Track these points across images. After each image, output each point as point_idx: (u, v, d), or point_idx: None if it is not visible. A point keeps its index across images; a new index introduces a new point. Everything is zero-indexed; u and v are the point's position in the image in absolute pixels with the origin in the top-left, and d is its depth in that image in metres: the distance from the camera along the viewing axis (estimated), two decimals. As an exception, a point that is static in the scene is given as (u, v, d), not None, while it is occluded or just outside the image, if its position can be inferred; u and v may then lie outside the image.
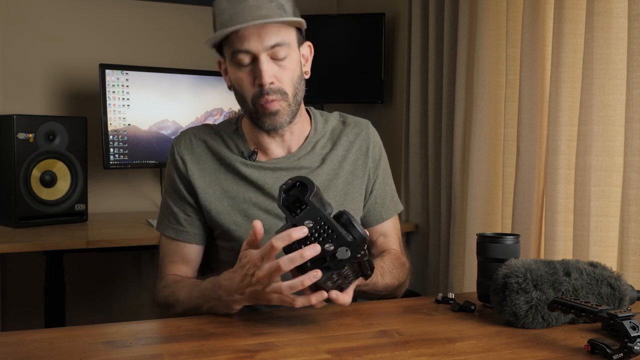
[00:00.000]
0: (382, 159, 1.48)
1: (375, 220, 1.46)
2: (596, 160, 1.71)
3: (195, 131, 1.41)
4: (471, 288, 2.09)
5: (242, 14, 1.22)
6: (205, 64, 2.82)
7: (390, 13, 2.89)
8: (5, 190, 2.23)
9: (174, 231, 1.38)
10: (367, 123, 1.48)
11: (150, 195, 2.84)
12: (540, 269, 1.10)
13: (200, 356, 0.95)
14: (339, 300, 1.06)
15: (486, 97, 2.15)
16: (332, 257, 1.01)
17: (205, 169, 1.37)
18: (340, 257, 1.00)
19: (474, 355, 0.97)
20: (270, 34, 1.24)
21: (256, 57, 1.25)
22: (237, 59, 1.26)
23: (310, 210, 1.03)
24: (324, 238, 1.02)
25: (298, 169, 1.37)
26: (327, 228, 1.02)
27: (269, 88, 1.26)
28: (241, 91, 1.30)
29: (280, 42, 1.25)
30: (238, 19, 1.22)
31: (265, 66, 1.24)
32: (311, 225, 1.02)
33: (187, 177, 1.36)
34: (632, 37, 1.59)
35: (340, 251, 1.01)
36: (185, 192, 1.37)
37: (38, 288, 2.28)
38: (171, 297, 1.30)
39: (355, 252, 1.00)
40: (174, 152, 1.39)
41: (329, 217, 1.03)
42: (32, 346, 0.99)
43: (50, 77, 2.68)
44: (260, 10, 1.23)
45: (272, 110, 1.28)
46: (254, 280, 1.07)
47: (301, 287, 1.02)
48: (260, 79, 1.25)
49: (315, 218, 1.03)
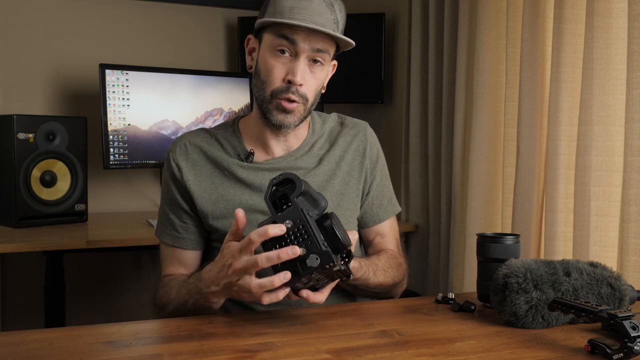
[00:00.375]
0: (380, 160, 1.48)
1: (372, 221, 1.46)
2: (596, 160, 1.71)
3: (191, 137, 1.41)
4: (471, 288, 2.09)
5: (304, 12, 1.24)
6: (205, 64, 2.82)
7: (390, 13, 2.89)
8: (5, 190, 2.23)
9: (170, 238, 1.39)
10: (365, 124, 1.49)
11: (150, 195, 2.84)
12: (540, 269, 1.10)
13: (200, 356, 0.95)
14: (310, 299, 1.06)
15: (486, 97, 2.15)
16: (302, 262, 1.01)
17: (200, 173, 1.37)
18: (310, 264, 1.01)
19: (474, 355, 0.97)
20: (320, 41, 1.27)
21: (297, 54, 1.27)
22: (280, 45, 1.27)
23: (293, 210, 1.03)
24: (299, 242, 1.01)
25: (295, 169, 1.38)
26: (304, 232, 1.02)
27: (297, 89, 1.28)
28: (266, 78, 1.30)
29: (324, 49, 1.28)
30: (299, 14, 1.24)
31: (302, 66, 1.27)
32: (290, 226, 1.02)
33: (182, 183, 1.37)
34: (632, 37, 1.59)
35: (310, 258, 1.00)
36: (180, 199, 1.38)
37: (38, 288, 2.28)
38: (165, 296, 1.31)
39: (324, 263, 1.00)
40: (169, 158, 1.39)
41: (310, 222, 1.03)
42: (32, 346, 0.99)
43: (50, 77, 2.68)
44: (321, 17, 1.25)
45: (289, 109, 1.29)
46: (230, 272, 1.08)
47: (271, 287, 1.04)
48: (293, 75, 1.26)
49: (296, 219, 1.02)
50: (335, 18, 1.28)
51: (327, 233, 1.04)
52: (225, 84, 2.72)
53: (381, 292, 1.37)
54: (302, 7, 1.24)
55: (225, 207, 1.34)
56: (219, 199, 1.35)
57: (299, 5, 1.25)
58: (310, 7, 1.25)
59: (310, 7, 1.25)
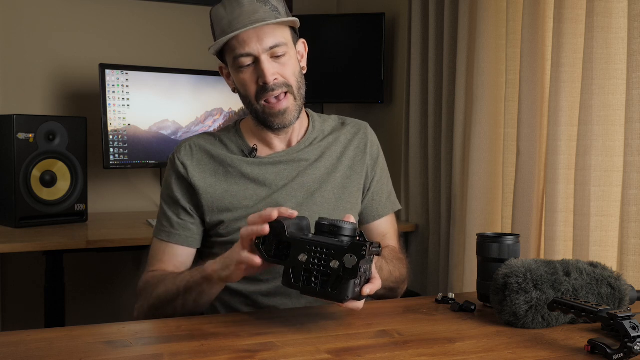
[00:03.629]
0: (380, 158, 1.51)
1: (372, 217, 1.49)
2: (596, 160, 1.71)
3: (195, 139, 1.45)
4: (471, 288, 2.09)
5: (240, 19, 1.29)
6: (205, 64, 2.82)
7: (390, 13, 2.89)
8: (5, 190, 2.23)
9: (166, 234, 1.40)
10: (365, 124, 1.52)
11: (150, 195, 2.84)
12: (540, 269, 1.10)
13: (200, 356, 0.95)
14: (373, 290, 1.07)
15: (486, 97, 2.15)
16: (345, 270, 1.00)
17: (205, 171, 1.40)
18: (349, 265, 1.00)
19: (474, 355, 0.97)
20: (269, 35, 1.30)
21: (257, 58, 1.31)
22: (239, 62, 1.32)
23: (296, 245, 1.03)
24: (325, 260, 1.01)
25: (297, 161, 1.41)
26: (321, 249, 1.01)
27: (274, 84, 1.31)
28: (245, 92, 1.36)
29: (278, 43, 1.31)
30: (237, 24, 1.29)
31: (267, 65, 1.30)
32: (306, 258, 1.02)
33: (188, 180, 1.39)
34: (632, 37, 1.59)
35: (346, 260, 1.00)
36: (181, 198, 1.39)
37: (38, 288, 2.28)
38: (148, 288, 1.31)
39: (359, 252, 1.00)
40: (174, 158, 1.42)
41: (315, 239, 1.03)
42: (32, 346, 0.99)
43: (50, 77, 2.69)
44: (257, 14, 1.29)
45: (281, 109, 1.33)
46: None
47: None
48: (263, 77, 1.31)
49: (304, 248, 1.02)
50: (272, 6, 1.32)
51: (332, 232, 1.04)
52: (225, 84, 2.68)
53: (391, 285, 1.37)
54: (236, 16, 1.29)
55: (231, 202, 1.37)
56: (224, 194, 1.38)
57: (234, 16, 1.30)
58: (243, 11, 1.29)
59: (243, 11, 1.29)
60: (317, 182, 1.41)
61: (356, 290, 1.03)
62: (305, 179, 1.40)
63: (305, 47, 1.43)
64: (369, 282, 1.07)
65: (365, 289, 1.05)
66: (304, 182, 1.40)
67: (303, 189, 1.39)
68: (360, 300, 1.07)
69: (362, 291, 1.05)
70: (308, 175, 1.41)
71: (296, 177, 1.40)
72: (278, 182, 1.39)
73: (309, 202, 1.38)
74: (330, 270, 1.00)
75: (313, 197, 1.39)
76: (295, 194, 1.38)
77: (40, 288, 2.24)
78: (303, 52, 1.42)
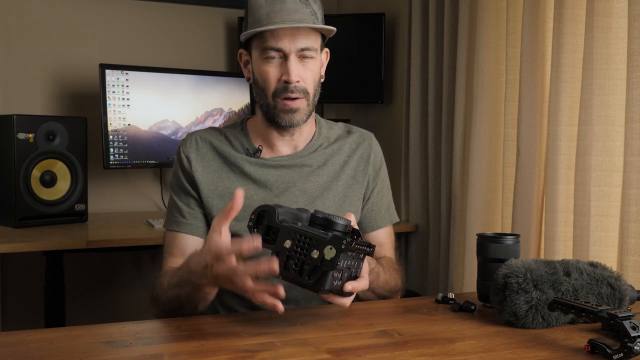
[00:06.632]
0: (382, 169, 1.51)
1: (370, 227, 1.48)
2: (596, 160, 1.71)
3: (202, 133, 1.46)
4: (471, 288, 2.09)
5: (280, 14, 1.29)
6: (205, 64, 2.82)
7: (390, 13, 2.89)
8: (5, 190, 2.23)
9: (176, 224, 1.40)
10: (370, 134, 1.53)
11: (150, 195, 2.84)
12: (540, 269, 1.10)
13: (200, 356, 0.95)
14: (355, 289, 1.05)
15: (486, 97, 2.15)
16: (323, 261, 1.00)
17: (208, 166, 1.40)
18: (328, 256, 1.00)
19: (474, 355, 0.97)
20: (303, 37, 1.31)
21: (286, 55, 1.31)
22: (267, 54, 1.32)
23: (283, 231, 1.03)
24: (306, 249, 1.01)
25: (300, 166, 1.41)
26: (305, 238, 1.01)
27: (294, 86, 1.32)
28: (264, 85, 1.35)
29: (310, 47, 1.32)
30: (275, 18, 1.28)
31: (294, 65, 1.31)
32: (290, 245, 1.02)
33: (190, 174, 1.40)
34: (632, 37, 1.59)
35: (326, 252, 1.00)
36: (189, 186, 1.41)
37: (38, 288, 2.28)
38: (159, 287, 1.30)
39: (339, 244, 0.99)
40: (180, 151, 1.43)
41: (302, 228, 1.03)
42: (32, 346, 0.99)
43: (50, 77, 2.68)
44: (297, 13, 1.29)
45: (293, 107, 1.34)
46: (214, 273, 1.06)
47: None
48: (288, 76, 1.31)
49: (291, 235, 1.02)
50: (312, 10, 1.32)
51: (323, 225, 1.04)
52: (225, 84, 2.72)
53: (385, 294, 1.37)
54: (277, 10, 1.29)
55: (230, 200, 1.35)
56: (224, 192, 1.38)
57: (274, 8, 1.29)
58: (285, 7, 1.29)
59: (285, 7, 1.29)
60: (319, 189, 1.41)
61: (335, 284, 1.03)
62: (308, 185, 1.40)
63: (327, 56, 1.44)
64: (355, 279, 1.07)
65: (347, 285, 1.04)
66: (306, 189, 1.40)
67: (305, 195, 1.39)
68: (345, 297, 1.06)
69: (344, 287, 1.04)
70: (310, 181, 1.41)
71: (298, 183, 1.40)
72: (279, 186, 1.39)
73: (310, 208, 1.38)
74: (310, 260, 1.00)
75: (314, 204, 1.38)
76: (296, 200, 1.38)
77: (40, 288, 2.24)
78: (324, 61, 1.43)
